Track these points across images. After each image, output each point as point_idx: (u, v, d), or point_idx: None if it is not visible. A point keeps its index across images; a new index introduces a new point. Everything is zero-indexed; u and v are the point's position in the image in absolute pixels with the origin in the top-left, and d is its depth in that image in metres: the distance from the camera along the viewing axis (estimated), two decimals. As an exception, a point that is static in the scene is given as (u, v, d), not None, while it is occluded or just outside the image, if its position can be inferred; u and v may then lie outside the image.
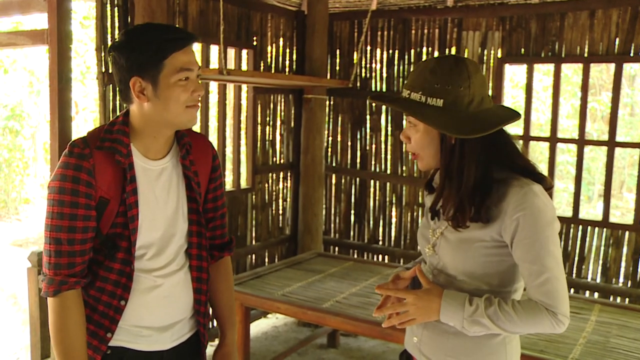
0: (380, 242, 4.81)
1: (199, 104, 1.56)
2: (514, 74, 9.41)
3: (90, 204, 1.47)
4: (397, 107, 1.47)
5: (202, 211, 1.67)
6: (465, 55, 4.12)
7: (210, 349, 1.79)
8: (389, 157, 4.69)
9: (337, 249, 4.98)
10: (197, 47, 1.46)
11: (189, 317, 1.68)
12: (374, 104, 4.69)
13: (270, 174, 4.64)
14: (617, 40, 3.76)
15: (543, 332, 1.40)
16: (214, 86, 4.14)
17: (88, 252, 1.50)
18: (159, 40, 1.46)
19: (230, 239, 1.82)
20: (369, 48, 4.67)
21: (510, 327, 1.38)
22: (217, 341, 1.84)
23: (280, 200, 4.78)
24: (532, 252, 1.36)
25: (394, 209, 4.73)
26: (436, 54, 4.38)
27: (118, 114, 3.24)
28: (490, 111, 1.43)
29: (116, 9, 3.25)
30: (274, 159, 4.67)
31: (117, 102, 3.25)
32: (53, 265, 1.47)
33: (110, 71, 3.21)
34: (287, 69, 4.62)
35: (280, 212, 4.80)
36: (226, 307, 1.80)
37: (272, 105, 4.58)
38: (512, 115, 1.44)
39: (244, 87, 4.38)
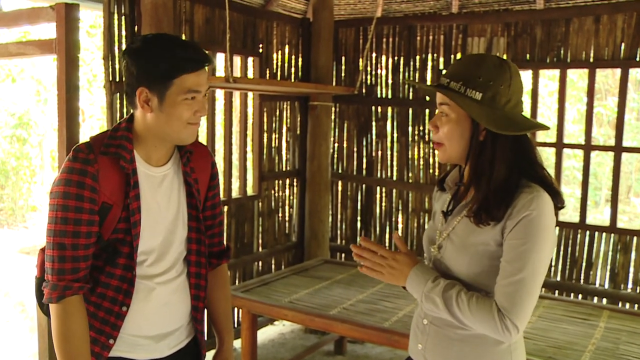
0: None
1: (200, 123, 1.56)
2: (519, 79, 9.38)
3: (94, 208, 1.47)
4: (440, 91, 1.45)
5: (202, 218, 1.68)
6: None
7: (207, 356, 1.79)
8: (395, 163, 4.69)
9: (343, 255, 4.97)
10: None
11: (186, 324, 1.68)
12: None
13: (276, 181, 4.65)
14: (623, 45, 3.75)
15: (488, 334, 1.39)
16: (220, 94, 4.15)
17: (90, 257, 1.50)
18: (173, 58, 1.46)
19: (228, 246, 1.83)
20: (374, 55, 4.68)
21: (460, 316, 1.39)
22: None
23: (287, 207, 4.78)
24: (516, 252, 1.35)
25: (400, 216, 4.73)
26: (441, 60, 4.39)
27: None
28: (522, 116, 1.45)
29: (123, 17, 3.27)
30: (280, 165, 4.68)
31: (125, 111, 3.27)
32: (57, 271, 1.46)
33: (117, 80, 3.23)
34: (292, 76, 4.64)
35: (287, 218, 4.80)
36: (223, 314, 1.81)
37: (278, 113, 4.59)
38: (542, 125, 1.49)
39: (250, 94, 4.40)
